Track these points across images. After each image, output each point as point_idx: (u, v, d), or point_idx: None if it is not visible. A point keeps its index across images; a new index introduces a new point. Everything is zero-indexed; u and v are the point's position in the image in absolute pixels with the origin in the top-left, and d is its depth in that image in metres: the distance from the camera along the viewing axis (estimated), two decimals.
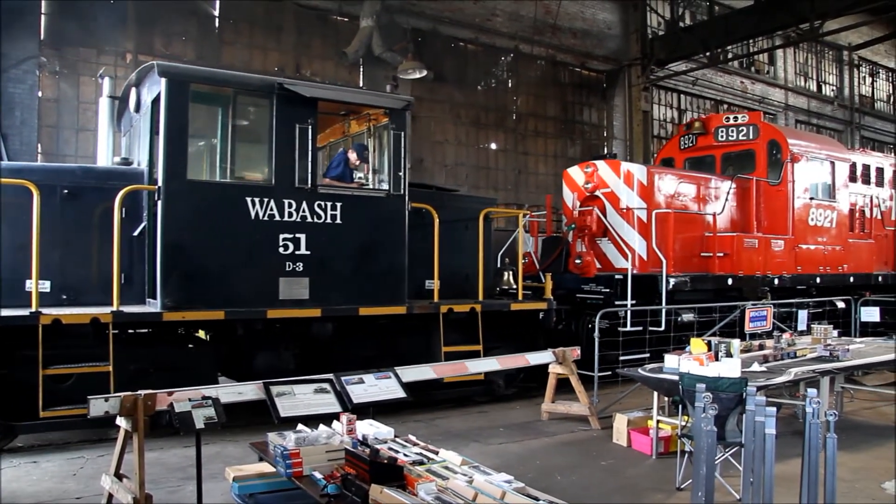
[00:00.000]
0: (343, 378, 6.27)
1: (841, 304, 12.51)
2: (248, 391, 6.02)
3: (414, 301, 8.93)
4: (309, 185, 8.05)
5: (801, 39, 21.24)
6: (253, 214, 7.75)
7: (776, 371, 7.10)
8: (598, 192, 11.88)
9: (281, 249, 7.88)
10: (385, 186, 8.78)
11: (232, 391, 5.98)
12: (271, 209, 7.84)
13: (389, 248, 8.57)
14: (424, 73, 15.41)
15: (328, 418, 5.66)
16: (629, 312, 10.21)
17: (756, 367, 7.21)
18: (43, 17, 12.25)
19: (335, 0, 15.21)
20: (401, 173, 8.65)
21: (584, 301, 11.53)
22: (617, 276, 10.97)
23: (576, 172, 12.40)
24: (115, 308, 7.14)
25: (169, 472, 6.44)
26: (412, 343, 9.05)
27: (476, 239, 9.55)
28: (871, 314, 11.23)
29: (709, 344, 7.19)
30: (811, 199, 13.26)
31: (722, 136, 13.78)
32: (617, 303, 10.67)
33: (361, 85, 15.79)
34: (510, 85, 18.51)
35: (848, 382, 9.45)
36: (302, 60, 15.14)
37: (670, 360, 6.95)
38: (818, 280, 13.28)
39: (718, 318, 10.32)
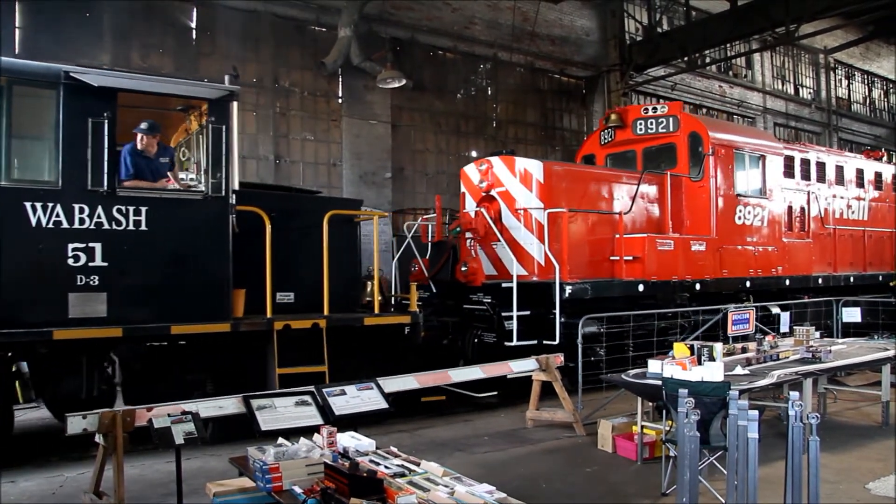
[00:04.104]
0: (325, 390, 6.23)
1: (776, 310, 11.56)
2: (229, 405, 5.97)
3: (251, 316, 7.99)
4: (105, 188, 7.08)
5: (777, 43, 21.48)
6: (34, 221, 6.80)
7: (759, 374, 7.10)
8: (493, 192, 10.79)
9: (70, 261, 6.89)
10: (202, 188, 7.74)
11: (212, 405, 5.93)
12: (57, 215, 6.89)
13: (209, 257, 7.60)
14: (403, 81, 15.41)
15: (310, 431, 5.60)
16: (515, 326, 9.42)
17: (739, 370, 7.21)
18: (17, 30, 12.12)
19: (313, 10, 15.18)
20: (221, 173, 7.66)
21: (473, 313, 10.45)
22: (505, 285, 9.85)
23: (471, 170, 11.33)
24: None
25: (150, 488, 6.36)
26: (248, 364, 8.15)
27: (338, 245, 8.72)
28: (852, 315, 11.20)
29: (691, 348, 7.19)
30: (738, 195, 12.23)
31: (641, 129, 12.68)
32: (503, 314, 9.71)
33: (340, 95, 15.77)
34: (490, 93, 18.55)
35: (831, 383, 9.48)
36: (280, 71, 15.09)
37: (654, 365, 6.92)
38: (748, 284, 12.29)
39: (634, 328, 9.81)
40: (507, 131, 18.87)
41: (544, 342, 9.53)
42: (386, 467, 4.56)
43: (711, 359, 7.02)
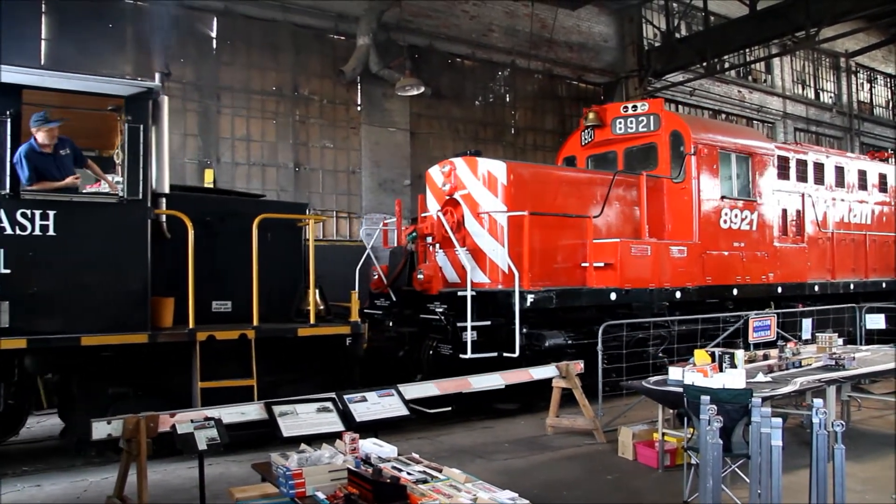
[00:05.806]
0: (346, 396, 6.26)
1: None
2: (251, 411, 6.02)
3: (179, 327, 7.52)
4: (7, 190, 6.67)
5: (797, 47, 21.31)
6: None
7: (781, 381, 7.05)
8: (456, 195, 10.26)
9: None
10: (118, 191, 7.29)
11: (235, 411, 5.98)
12: None
13: (125, 263, 7.13)
14: (422, 89, 15.48)
15: (331, 437, 5.63)
16: (470, 337, 8.91)
17: (761, 377, 7.16)
18: (43, 42, 12.31)
19: (331, 19, 15.28)
20: (139, 175, 7.19)
21: (430, 323, 9.80)
22: (461, 293, 9.17)
23: (435, 172, 10.75)
24: None
25: (172, 493, 6.41)
26: (175, 376, 7.65)
27: (276, 251, 8.34)
28: (876, 321, 10.97)
29: (713, 355, 7.15)
30: (723, 197, 11.64)
31: (620, 129, 12.10)
32: (459, 324, 9.08)
33: (359, 103, 15.84)
34: (508, 99, 18.57)
35: (855, 391, 9.36)
36: (299, 80, 15.20)
37: (674, 372, 6.90)
38: (735, 291, 11.66)
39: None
40: (526, 138, 18.88)
41: (504, 354, 9.06)
42: (408, 473, 4.57)
43: (733, 366, 6.96)
